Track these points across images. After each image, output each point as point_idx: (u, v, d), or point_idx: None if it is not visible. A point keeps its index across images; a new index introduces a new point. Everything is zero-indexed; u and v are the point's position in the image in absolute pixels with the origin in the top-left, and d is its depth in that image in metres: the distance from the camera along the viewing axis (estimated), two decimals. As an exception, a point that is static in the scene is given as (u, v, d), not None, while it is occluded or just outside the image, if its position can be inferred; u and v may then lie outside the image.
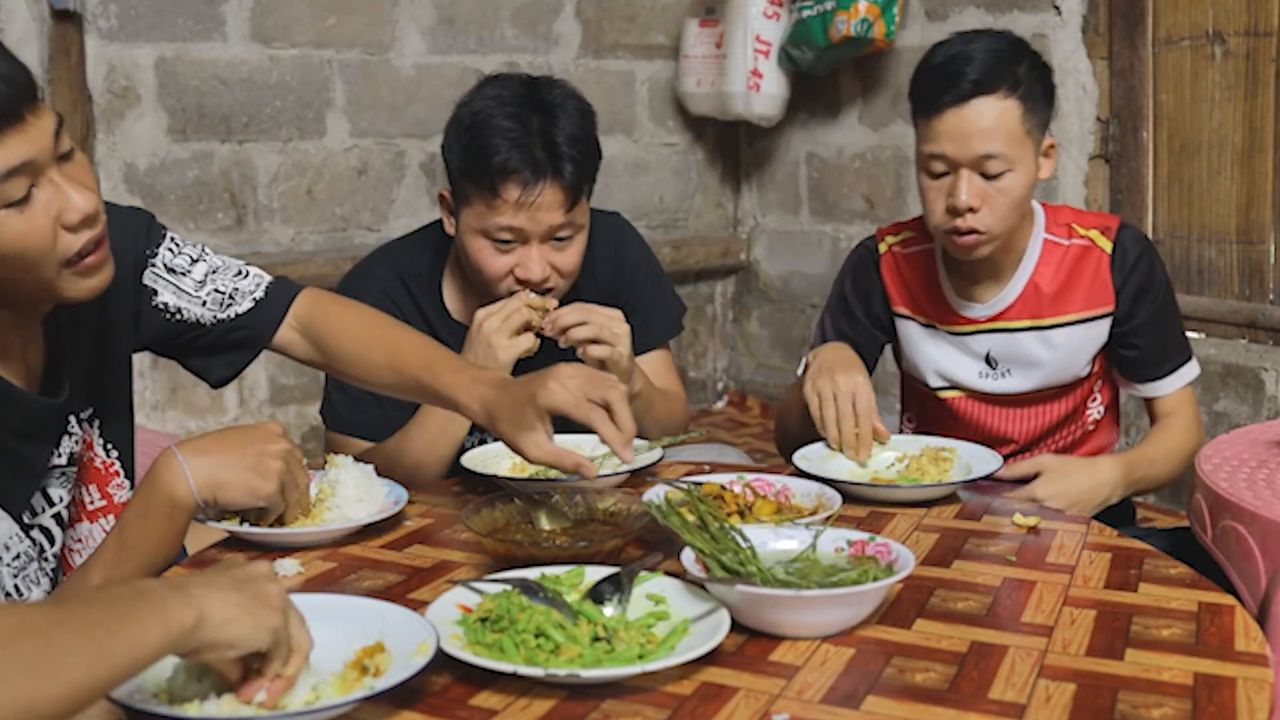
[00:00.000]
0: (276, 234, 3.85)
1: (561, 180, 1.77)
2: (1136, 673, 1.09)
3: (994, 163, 1.80)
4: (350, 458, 1.59)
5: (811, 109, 4.37)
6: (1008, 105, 1.79)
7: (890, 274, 2.06)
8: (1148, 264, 1.95)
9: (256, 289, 1.61)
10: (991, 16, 3.73)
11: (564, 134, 1.78)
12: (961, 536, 1.50)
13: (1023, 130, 1.81)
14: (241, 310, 1.59)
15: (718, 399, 4.84)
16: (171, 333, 1.57)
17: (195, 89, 3.66)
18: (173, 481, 1.34)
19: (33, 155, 1.18)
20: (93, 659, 0.86)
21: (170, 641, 0.91)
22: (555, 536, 1.43)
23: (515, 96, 1.80)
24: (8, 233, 1.19)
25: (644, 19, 4.48)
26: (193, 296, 1.56)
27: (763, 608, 1.16)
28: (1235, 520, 1.48)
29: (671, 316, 2.10)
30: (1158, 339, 1.97)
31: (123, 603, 0.91)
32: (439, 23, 4.04)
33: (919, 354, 2.05)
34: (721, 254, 4.64)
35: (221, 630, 0.95)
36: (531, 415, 1.42)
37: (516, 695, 1.06)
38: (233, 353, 1.62)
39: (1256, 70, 3.14)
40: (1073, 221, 1.98)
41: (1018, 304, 1.96)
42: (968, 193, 1.81)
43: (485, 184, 1.77)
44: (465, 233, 1.84)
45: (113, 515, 1.51)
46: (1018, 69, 1.81)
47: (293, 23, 3.79)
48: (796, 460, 1.73)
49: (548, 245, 1.82)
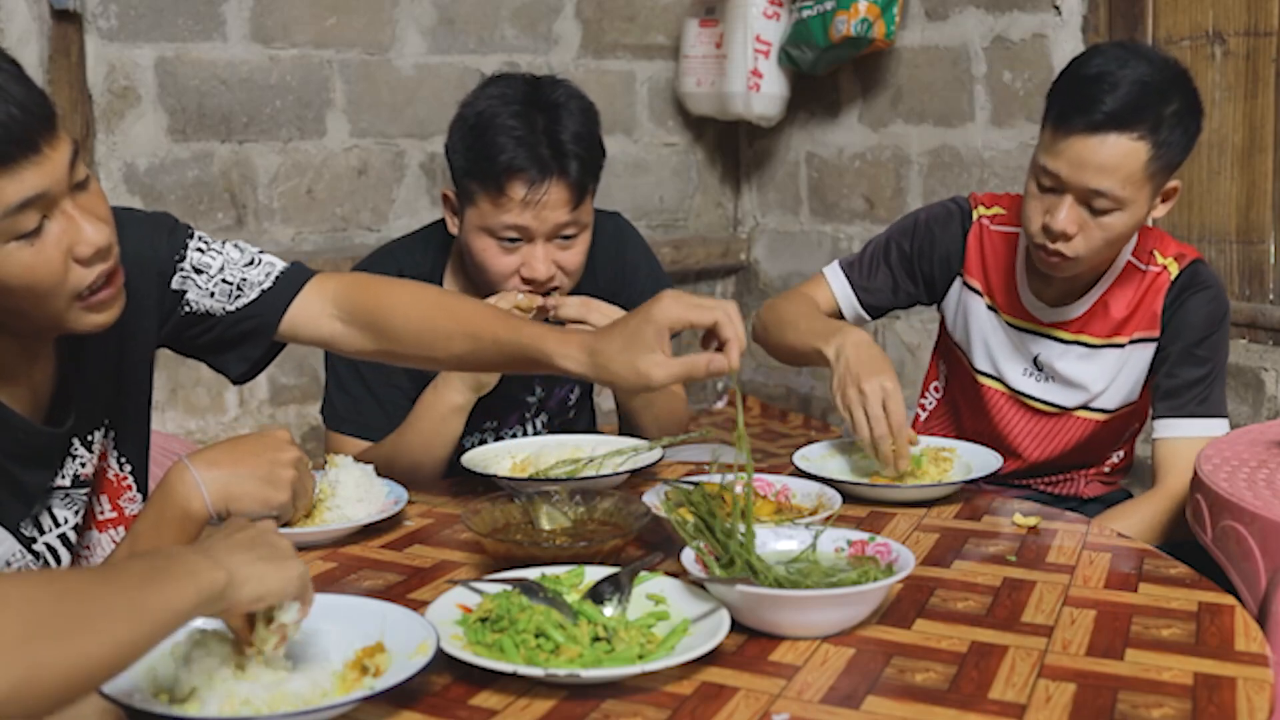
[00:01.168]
0: (276, 234, 3.85)
1: (567, 178, 1.78)
2: (1136, 673, 1.09)
3: (1103, 200, 1.73)
4: (350, 458, 1.59)
5: (811, 109, 4.37)
6: (1137, 147, 1.70)
7: (974, 242, 2.00)
8: (1201, 301, 1.87)
9: (266, 278, 1.54)
10: (992, 16, 3.73)
11: (569, 132, 1.78)
12: (961, 536, 1.50)
13: (1145, 174, 1.72)
14: (249, 300, 1.52)
15: (718, 399, 4.84)
16: (183, 326, 1.52)
17: (195, 89, 3.66)
18: (187, 495, 1.34)
19: (47, 187, 1.16)
20: (135, 617, 0.88)
21: (203, 601, 0.95)
22: (555, 536, 1.43)
23: (519, 95, 1.80)
24: (15, 265, 1.17)
25: (644, 19, 4.48)
26: (203, 290, 1.51)
27: (763, 608, 1.16)
28: (1235, 520, 1.48)
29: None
30: (1181, 377, 1.88)
31: (156, 566, 0.94)
32: (439, 23, 4.04)
33: (974, 332, 2.01)
34: (721, 254, 4.63)
35: (250, 587, 0.99)
36: (650, 336, 1.34)
37: (516, 695, 1.06)
38: (243, 345, 1.54)
39: (1256, 70, 3.14)
40: (1156, 248, 1.92)
41: (1083, 318, 1.93)
42: (1065, 219, 1.75)
43: (491, 183, 1.77)
44: (470, 232, 1.84)
45: (123, 527, 1.50)
46: (1163, 109, 1.70)
47: (293, 23, 3.79)
48: (797, 460, 1.73)
49: (552, 244, 1.82)
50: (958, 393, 2.11)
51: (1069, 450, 2.03)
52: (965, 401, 2.08)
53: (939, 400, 2.17)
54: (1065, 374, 1.96)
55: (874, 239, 2.10)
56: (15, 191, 1.13)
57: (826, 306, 2.07)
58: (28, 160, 1.13)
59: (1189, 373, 1.87)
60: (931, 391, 2.18)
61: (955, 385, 2.12)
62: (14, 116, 1.12)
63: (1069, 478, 2.08)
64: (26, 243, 1.17)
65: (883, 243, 2.08)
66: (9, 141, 1.12)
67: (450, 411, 1.75)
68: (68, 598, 0.85)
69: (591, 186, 1.84)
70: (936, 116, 3.97)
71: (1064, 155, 1.73)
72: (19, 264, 1.17)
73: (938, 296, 2.07)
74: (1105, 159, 1.70)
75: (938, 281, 2.05)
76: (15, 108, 1.12)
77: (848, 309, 2.08)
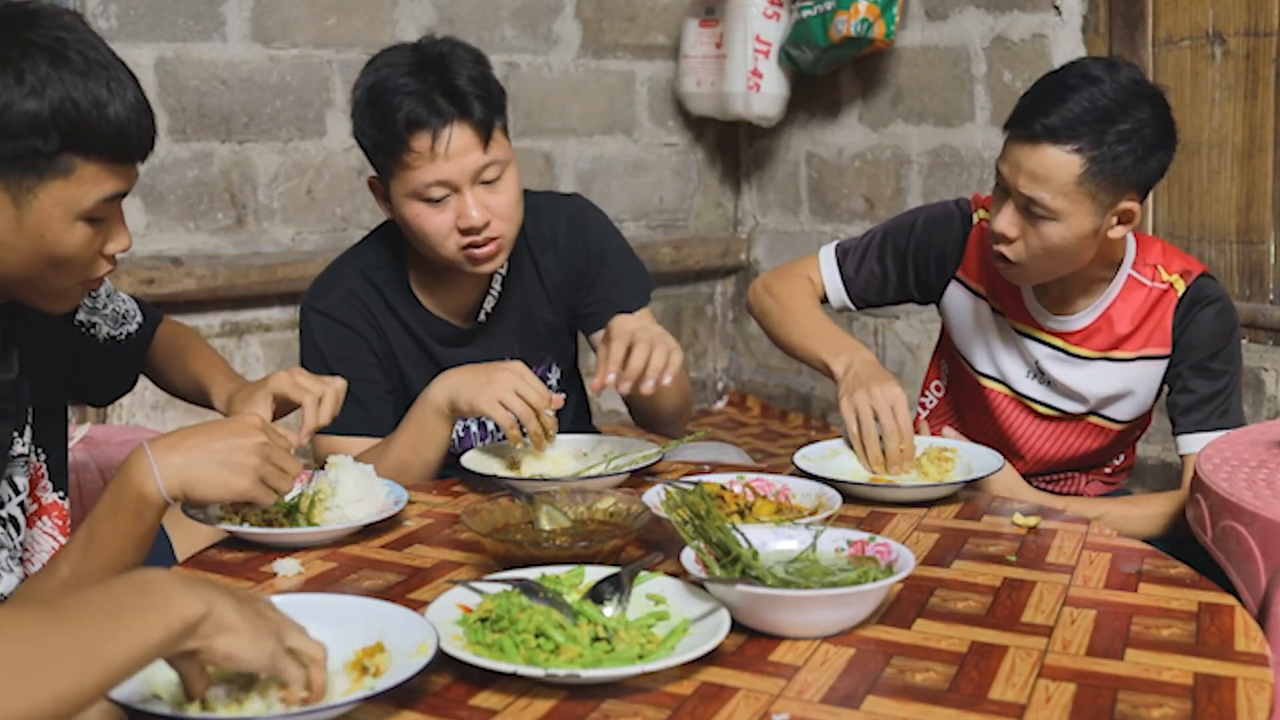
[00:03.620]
0: (276, 234, 3.85)
1: (469, 119, 1.77)
2: (1136, 673, 1.09)
3: (1037, 208, 1.75)
4: (350, 458, 1.59)
5: (811, 109, 4.37)
6: (1070, 160, 1.71)
7: (975, 245, 2.01)
8: (1209, 316, 1.88)
9: (136, 312, 1.75)
10: (992, 16, 3.73)
11: (462, 77, 1.78)
12: (961, 536, 1.49)
13: (1079, 189, 1.72)
14: (131, 330, 1.72)
15: (718, 399, 4.84)
16: (76, 347, 1.63)
17: (195, 89, 3.66)
18: (142, 479, 1.33)
19: (122, 190, 1.32)
20: (87, 666, 0.84)
21: (171, 636, 0.90)
22: (555, 536, 1.43)
23: (407, 59, 1.81)
24: (77, 241, 1.30)
25: (644, 19, 4.48)
26: (101, 313, 1.67)
27: (763, 608, 1.16)
28: (1235, 520, 1.48)
29: (639, 288, 2.06)
30: (1199, 392, 1.89)
31: (120, 603, 0.90)
32: (439, 23, 4.04)
33: (976, 334, 2.02)
34: (721, 254, 4.63)
35: (223, 636, 0.94)
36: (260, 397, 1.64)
37: (516, 695, 1.06)
38: (121, 371, 1.75)
39: (1256, 70, 3.14)
40: (1159, 263, 1.91)
41: (1085, 331, 1.93)
42: (1005, 221, 1.79)
43: (399, 145, 1.77)
44: (399, 204, 1.84)
45: (46, 516, 1.51)
46: (1108, 127, 1.70)
47: (293, 23, 3.79)
48: (797, 460, 1.73)
49: (479, 189, 1.81)
50: (960, 394, 2.11)
51: (1075, 455, 2.03)
52: (968, 403, 2.08)
53: (939, 400, 2.17)
54: (1062, 382, 1.96)
55: (873, 230, 2.11)
56: (110, 186, 1.30)
57: (816, 291, 2.10)
58: (128, 168, 1.32)
59: (1207, 387, 1.89)
60: (932, 390, 2.19)
61: (957, 387, 2.12)
62: (145, 128, 1.32)
63: (1070, 478, 2.08)
64: (91, 226, 1.31)
65: (879, 237, 2.08)
66: (130, 140, 1.30)
67: (434, 414, 1.75)
68: (18, 644, 0.82)
69: (499, 123, 1.83)
70: (936, 116, 3.97)
71: (1007, 159, 1.79)
72: (80, 240, 1.30)
73: (933, 297, 2.07)
74: (1036, 168, 1.73)
75: (932, 282, 2.05)
76: (148, 118, 1.33)
77: (834, 297, 2.10)
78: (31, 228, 1.26)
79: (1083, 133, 1.70)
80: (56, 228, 1.27)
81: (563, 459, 1.76)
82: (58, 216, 1.27)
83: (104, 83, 1.26)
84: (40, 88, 1.22)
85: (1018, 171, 1.75)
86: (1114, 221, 1.79)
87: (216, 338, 3.70)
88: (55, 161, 1.24)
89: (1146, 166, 1.75)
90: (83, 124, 1.24)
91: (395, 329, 1.95)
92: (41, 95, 1.22)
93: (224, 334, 3.72)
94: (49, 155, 1.24)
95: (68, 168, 1.25)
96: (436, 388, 1.75)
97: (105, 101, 1.26)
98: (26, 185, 1.24)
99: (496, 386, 1.68)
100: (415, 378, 1.93)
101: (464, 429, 1.98)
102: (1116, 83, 1.73)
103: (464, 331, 1.98)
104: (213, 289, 3.58)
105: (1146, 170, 1.75)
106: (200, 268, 3.56)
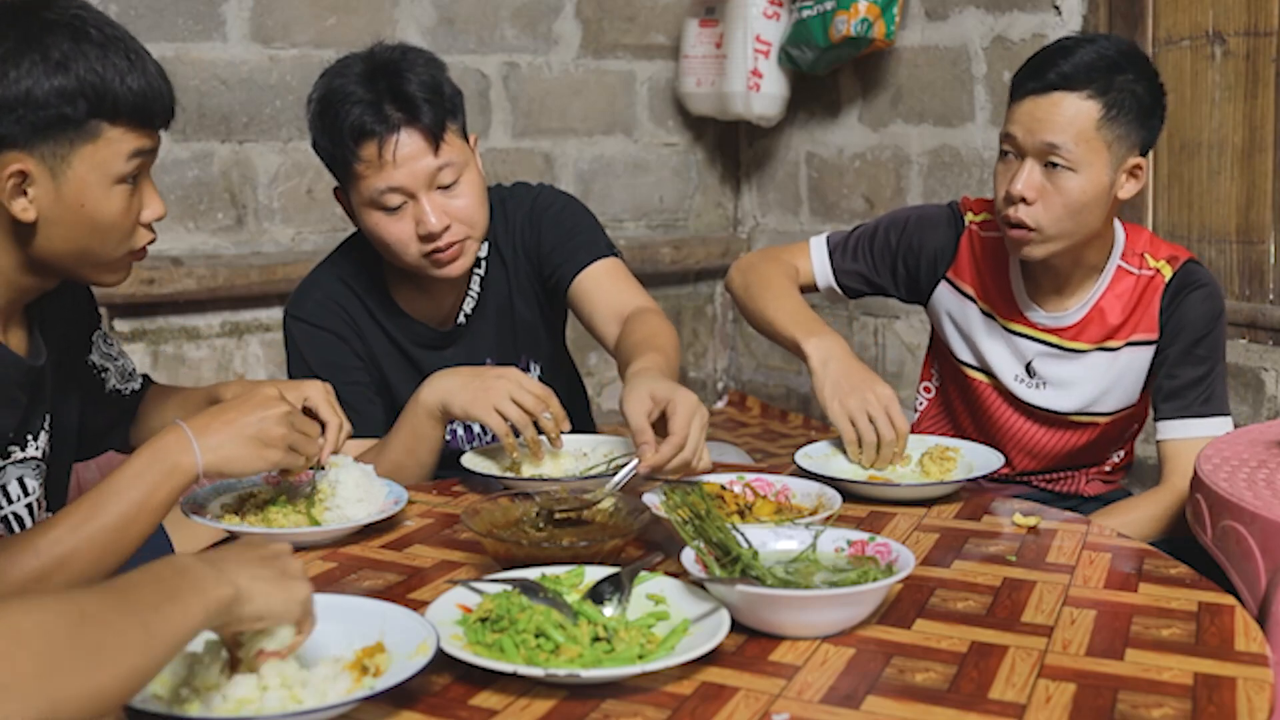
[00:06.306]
0: (276, 234, 3.85)
1: (417, 124, 1.77)
2: (1136, 673, 1.09)
3: (1058, 156, 1.77)
4: (350, 458, 1.59)
5: (811, 109, 4.37)
6: (1088, 105, 1.76)
7: (967, 249, 2.02)
8: (1197, 300, 1.89)
9: (138, 376, 1.77)
10: (992, 16, 3.73)
11: (412, 83, 1.77)
12: (961, 536, 1.50)
13: (1098, 135, 1.77)
14: (135, 387, 1.75)
15: (718, 399, 4.84)
16: (88, 384, 1.65)
17: (195, 89, 3.66)
18: (180, 451, 1.36)
19: (149, 147, 1.41)
20: (149, 644, 0.88)
21: (209, 617, 0.94)
22: (555, 537, 1.43)
23: (359, 67, 1.80)
24: (115, 207, 1.37)
25: (644, 19, 4.48)
26: (115, 362, 1.71)
27: (763, 608, 1.16)
28: (1235, 520, 1.48)
29: (595, 241, 2.01)
30: (1182, 378, 1.89)
31: (165, 585, 0.93)
32: (439, 23, 4.04)
33: (967, 336, 2.03)
34: (721, 254, 4.63)
35: (254, 605, 0.98)
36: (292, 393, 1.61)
37: (516, 695, 1.06)
38: (116, 426, 1.74)
39: (1256, 70, 3.14)
40: (1146, 251, 1.93)
41: (1079, 325, 1.93)
42: (1025, 182, 1.80)
43: (350, 154, 1.77)
44: (360, 214, 1.84)
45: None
46: (1114, 75, 1.77)
47: (293, 23, 3.79)
48: (798, 459, 1.73)
49: (436, 194, 1.80)
50: (953, 394, 2.12)
51: (1069, 452, 2.03)
52: (962, 403, 2.09)
53: (930, 400, 2.18)
54: (1058, 378, 1.96)
55: (867, 223, 2.13)
56: (138, 144, 1.38)
57: (804, 278, 2.11)
58: (153, 133, 1.41)
59: (1190, 372, 1.89)
60: (922, 392, 2.20)
61: (950, 387, 2.13)
62: (166, 93, 1.41)
63: (1069, 476, 2.08)
64: (128, 189, 1.39)
65: (871, 230, 2.10)
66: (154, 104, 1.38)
67: (426, 416, 1.74)
68: (85, 627, 0.84)
69: (451, 125, 1.82)
70: (936, 116, 3.97)
71: (1019, 118, 1.81)
72: (117, 207, 1.38)
73: (921, 297, 2.08)
74: (1056, 115, 1.77)
75: (921, 281, 2.06)
76: (168, 86, 1.41)
77: (824, 284, 2.11)
78: (70, 198, 1.34)
79: (1095, 78, 1.77)
80: (94, 194, 1.35)
81: (563, 459, 1.76)
82: (94, 183, 1.35)
83: (123, 54, 1.34)
84: (64, 61, 1.30)
85: (1036, 123, 1.78)
86: (1124, 179, 1.83)
87: (216, 338, 3.70)
88: (84, 128, 1.32)
89: (1150, 121, 1.82)
90: (107, 91, 1.32)
91: (375, 334, 1.95)
92: (66, 69, 1.30)
93: (224, 334, 3.72)
94: (78, 122, 1.32)
95: (95, 132, 1.33)
96: (428, 390, 1.73)
97: (126, 70, 1.34)
98: (60, 154, 1.32)
99: (492, 394, 1.67)
100: (397, 382, 1.94)
101: (450, 431, 1.97)
102: (1111, 43, 1.83)
103: (443, 334, 1.98)
104: (213, 289, 3.58)
105: (1150, 125, 1.82)
106: (200, 267, 3.56)
